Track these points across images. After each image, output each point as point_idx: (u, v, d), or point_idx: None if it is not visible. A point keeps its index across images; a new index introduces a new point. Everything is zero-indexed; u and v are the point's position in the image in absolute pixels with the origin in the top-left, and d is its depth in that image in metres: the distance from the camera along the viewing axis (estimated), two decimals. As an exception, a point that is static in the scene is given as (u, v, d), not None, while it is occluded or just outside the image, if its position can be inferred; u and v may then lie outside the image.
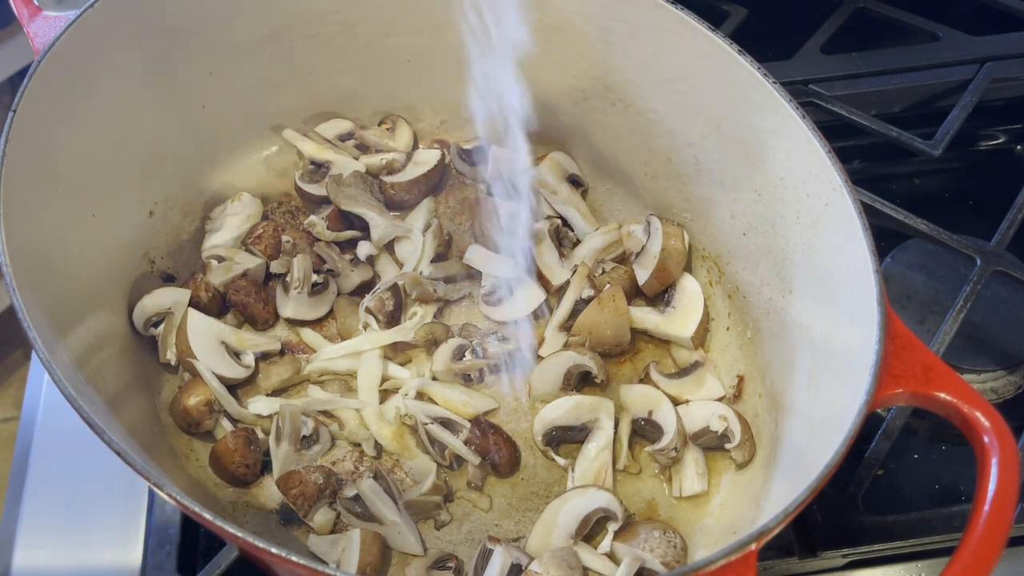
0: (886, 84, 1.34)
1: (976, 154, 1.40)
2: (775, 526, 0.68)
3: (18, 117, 0.85)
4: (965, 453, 0.76)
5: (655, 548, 0.91)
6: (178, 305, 1.06)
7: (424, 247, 1.15)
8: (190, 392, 1.01)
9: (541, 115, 1.21)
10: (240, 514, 0.98)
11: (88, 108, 0.96)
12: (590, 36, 1.06)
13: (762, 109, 0.94)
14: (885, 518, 0.96)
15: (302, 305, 1.11)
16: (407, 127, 1.26)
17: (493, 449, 1.00)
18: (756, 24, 1.40)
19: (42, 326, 0.79)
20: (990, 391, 1.11)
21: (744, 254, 1.06)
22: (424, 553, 0.95)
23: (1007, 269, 1.10)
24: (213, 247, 1.14)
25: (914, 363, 0.76)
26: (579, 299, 1.09)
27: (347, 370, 1.08)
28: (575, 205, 1.19)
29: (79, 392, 0.74)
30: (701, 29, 0.96)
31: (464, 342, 1.08)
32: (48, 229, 0.90)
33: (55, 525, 1.02)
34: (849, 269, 0.84)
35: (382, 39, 1.17)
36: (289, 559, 0.66)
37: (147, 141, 1.06)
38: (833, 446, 0.72)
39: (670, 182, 1.13)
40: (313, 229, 1.16)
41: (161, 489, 0.71)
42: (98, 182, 0.99)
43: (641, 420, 1.02)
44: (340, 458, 1.03)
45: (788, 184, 0.94)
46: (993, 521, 0.66)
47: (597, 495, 0.95)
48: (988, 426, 0.71)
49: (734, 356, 1.08)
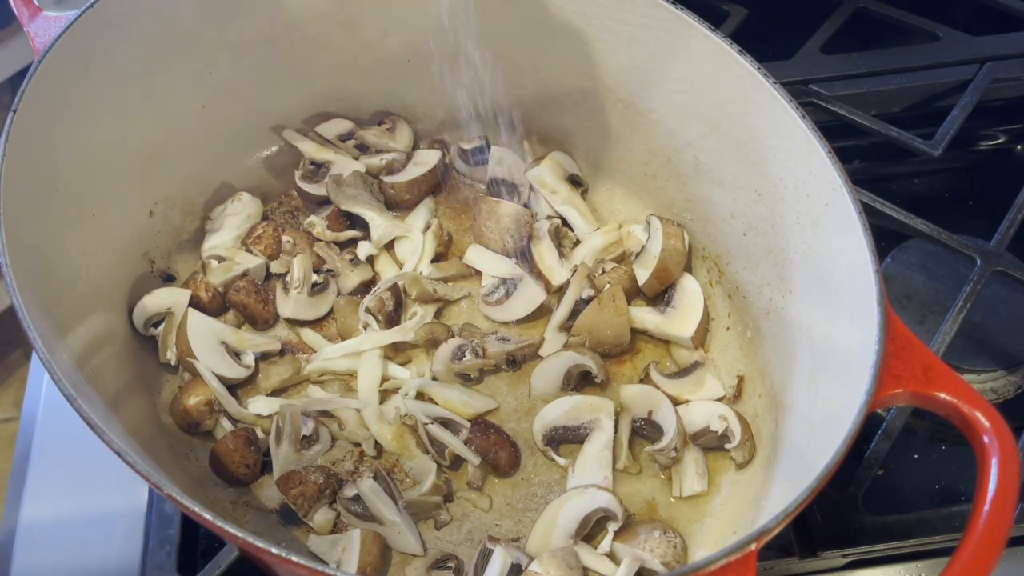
0: (886, 84, 1.34)
1: (976, 154, 1.40)
2: (775, 526, 0.68)
3: (18, 117, 0.85)
4: (965, 453, 0.76)
5: (655, 548, 0.91)
6: (178, 305, 1.06)
7: (424, 247, 1.15)
8: (190, 392, 1.01)
9: (541, 115, 1.21)
10: (240, 514, 0.98)
11: (88, 108, 0.96)
12: (590, 36, 1.07)
13: (762, 109, 0.94)
14: (885, 518, 0.96)
15: (302, 305, 1.11)
16: (407, 127, 1.26)
17: (493, 449, 1.00)
18: (756, 24, 1.40)
19: (42, 326, 0.79)
20: (990, 391, 1.11)
21: (744, 254, 1.06)
22: (424, 553, 0.95)
23: (1007, 269, 1.10)
24: (213, 247, 1.14)
25: (914, 363, 0.76)
26: (579, 299, 1.09)
27: (347, 370, 1.08)
28: (575, 205, 1.19)
29: (79, 392, 0.74)
30: (701, 29, 0.96)
31: (464, 342, 1.08)
32: (48, 229, 0.90)
33: (55, 525, 1.02)
34: (849, 269, 0.84)
35: (382, 39, 1.17)
36: (289, 559, 0.66)
37: (147, 141, 1.06)
38: (833, 446, 0.72)
39: (670, 182, 1.14)
40: (313, 229, 1.16)
41: (161, 489, 0.71)
42: (98, 182, 0.99)
43: (641, 420, 1.02)
44: (340, 458, 1.03)
45: (788, 184, 0.94)
46: (993, 521, 0.66)
47: (597, 495, 0.95)
48: (988, 426, 0.71)
49: (734, 356, 1.08)
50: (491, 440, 1.00)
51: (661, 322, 1.10)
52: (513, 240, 1.15)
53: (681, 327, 1.08)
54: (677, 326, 1.08)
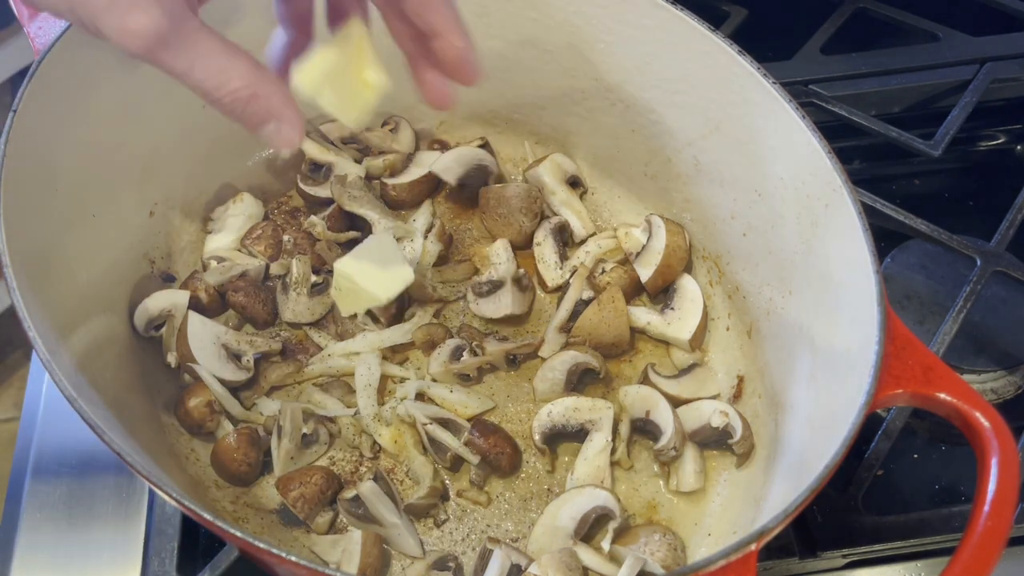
0: (886, 84, 1.34)
1: (976, 154, 1.40)
2: (775, 526, 0.68)
3: (18, 117, 0.85)
4: (965, 453, 0.76)
5: (655, 552, 0.91)
6: (178, 307, 1.06)
7: (425, 248, 1.15)
8: (191, 394, 1.02)
9: (541, 115, 1.21)
10: (240, 514, 0.98)
11: (88, 108, 0.96)
12: (590, 36, 1.07)
13: (762, 109, 0.94)
14: (885, 518, 0.96)
15: (302, 306, 1.11)
16: (409, 128, 1.26)
17: (494, 450, 1.00)
18: (756, 24, 1.40)
19: (42, 326, 0.79)
20: (990, 391, 1.11)
21: (744, 254, 1.06)
22: (424, 555, 0.95)
23: (1007, 269, 1.10)
24: (215, 249, 1.14)
25: (914, 363, 0.76)
26: (579, 300, 1.09)
27: (347, 370, 1.08)
28: (572, 207, 1.19)
29: (80, 392, 0.74)
30: (701, 29, 0.96)
31: (462, 342, 1.08)
32: (48, 229, 0.90)
33: (55, 525, 1.02)
34: (849, 269, 0.84)
35: (382, 39, 1.17)
36: (289, 559, 0.66)
37: (147, 141, 1.06)
38: (833, 446, 0.72)
39: (670, 182, 1.14)
40: (313, 229, 1.16)
41: (161, 489, 0.71)
42: (98, 182, 0.99)
43: (639, 420, 1.02)
44: (340, 458, 1.03)
45: (788, 184, 0.94)
46: (993, 521, 0.66)
47: (595, 494, 0.95)
48: (988, 426, 0.71)
49: (734, 356, 1.08)
50: (492, 441, 1.00)
51: (660, 323, 1.10)
52: (528, 217, 1.16)
53: (679, 330, 1.08)
54: (675, 329, 1.08)
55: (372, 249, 1.02)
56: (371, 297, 1.00)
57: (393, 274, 1.00)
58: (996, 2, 1.44)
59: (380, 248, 1.02)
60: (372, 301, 1.00)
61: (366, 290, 0.99)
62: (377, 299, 1.00)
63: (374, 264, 1.00)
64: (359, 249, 1.02)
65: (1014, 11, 1.43)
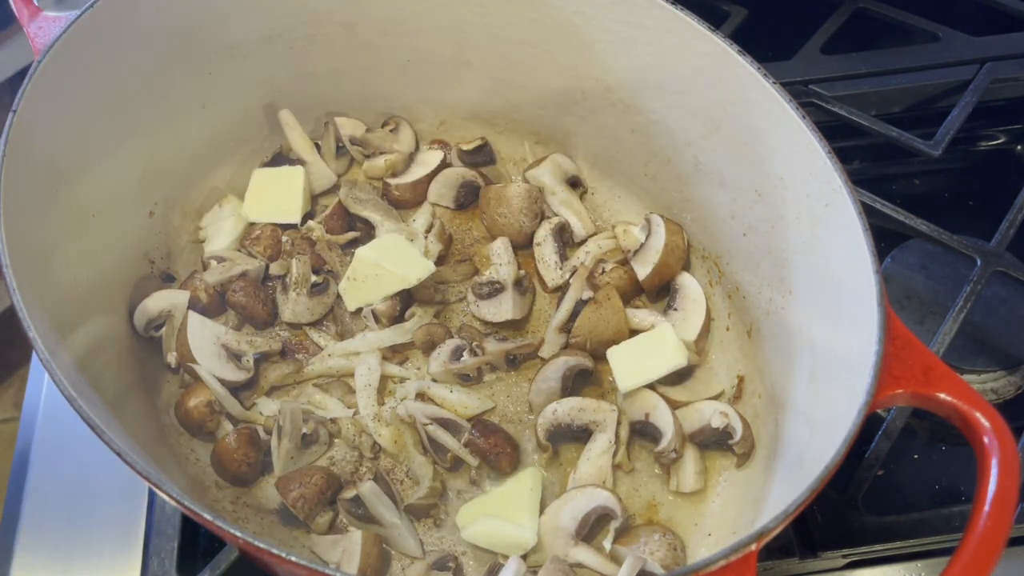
0: (886, 84, 1.34)
1: (976, 154, 1.40)
2: (775, 526, 0.68)
3: (18, 117, 0.85)
4: (965, 453, 0.76)
5: (655, 552, 0.91)
6: (178, 307, 1.06)
7: (426, 248, 1.15)
8: (192, 394, 1.02)
9: (541, 115, 1.21)
10: (240, 514, 0.98)
11: (88, 109, 0.96)
12: (590, 36, 1.07)
13: (762, 109, 0.94)
14: (885, 518, 0.96)
15: (301, 306, 1.11)
16: (409, 128, 1.26)
17: (493, 449, 1.00)
18: (756, 24, 1.40)
19: (42, 326, 0.79)
20: (990, 391, 1.11)
21: (744, 254, 1.06)
22: (423, 555, 0.95)
23: (1007, 269, 1.10)
24: (214, 251, 1.14)
25: (914, 363, 0.76)
26: (579, 300, 1.09)
27: (347, 370, 1.08)
28: (572, 207, 1.19)
29: (79, 392, 0.74)
30: (701, 29, 0.96)
31: (462, 343, 1.08)
32: (48, 229, 0.90)
33: (55, 525, 1.02)
34: (849, 269, 0.84)
35: (382, 39, 1.17)
36: (289, 559, 0.66)
37: (147, 141, 1.06)
38: (833, 446, 0.72)
39: (670, 182, 1.13)
40: (311, 233, 1.16)
41: (161, 489, 0.71)
42: (98, 182, 0.99)
43: (639, 423, 1.02)
44: (340, 459, 1.03)
45: (788, 184, 0.94)
46: (993, 521, 0.66)
47: (596, 493, 0.95)
48: (988, 426, 0.71)
49: (734, 356, 1.08)
50: (492, 441, 1.00)
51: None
52: (528, 218, 1.16)
53: (684, 330, 1.08)
54: (680, 329, 1.08)
55: (388, 244, 1.10)
56: (399, 279, 1.07)
57: (415, 263, 1.08)
58: (996, 2, 1.44)
59: (396, 244, 1.10)
60: (400, 283, 1.07)
61: (393, 272, 1.06)
62: (406, 280, 1.07)
63: (396, 253, 1.08)
64: (377, 242, 1.11)
65: (1014, 11, 1.43)
